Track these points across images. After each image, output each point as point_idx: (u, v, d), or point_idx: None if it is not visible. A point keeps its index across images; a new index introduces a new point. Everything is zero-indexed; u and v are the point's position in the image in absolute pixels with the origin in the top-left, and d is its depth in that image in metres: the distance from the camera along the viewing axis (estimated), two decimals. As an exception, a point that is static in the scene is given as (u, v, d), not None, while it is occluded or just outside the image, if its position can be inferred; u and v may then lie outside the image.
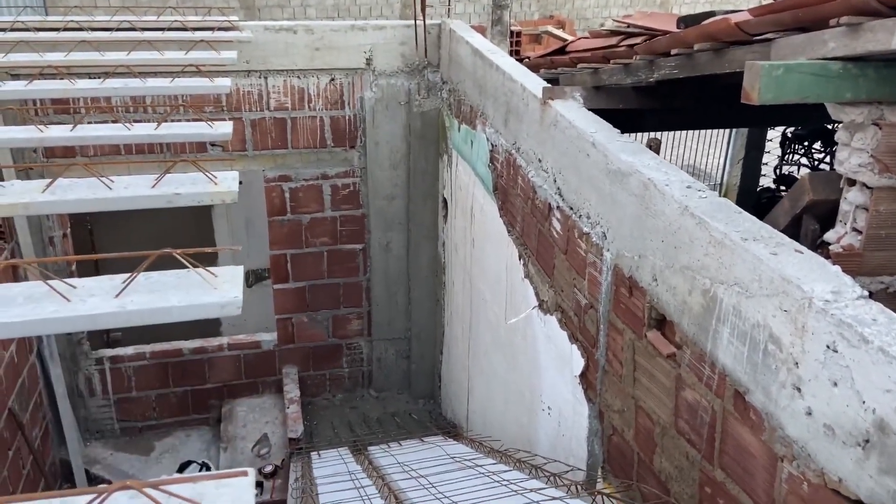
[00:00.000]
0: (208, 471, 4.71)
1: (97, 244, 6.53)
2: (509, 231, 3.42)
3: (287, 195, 4.94)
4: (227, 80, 3.52)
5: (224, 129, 2.90)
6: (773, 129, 6.60)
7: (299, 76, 4.67)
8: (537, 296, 3.07)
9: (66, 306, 1.57)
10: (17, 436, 4.09)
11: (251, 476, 1.18)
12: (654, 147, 5.17)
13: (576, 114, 2.67)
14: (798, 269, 1.53)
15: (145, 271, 1.67)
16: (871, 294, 1.46)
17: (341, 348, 5.48)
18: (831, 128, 5.69)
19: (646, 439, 2.17)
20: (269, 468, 4.62)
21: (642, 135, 5.48)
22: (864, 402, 1.30)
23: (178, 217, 5.51)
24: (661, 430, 2.07)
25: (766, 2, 2.37)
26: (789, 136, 6.15)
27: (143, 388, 5.13)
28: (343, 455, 4.35)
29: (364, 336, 5.48)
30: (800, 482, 1.49)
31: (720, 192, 6.50)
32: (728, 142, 7.51)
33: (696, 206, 1.86)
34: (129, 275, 1.65)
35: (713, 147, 8.74)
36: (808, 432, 1.45)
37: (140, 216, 4.04)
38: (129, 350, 5.09)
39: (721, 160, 7.91)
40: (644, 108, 3.36)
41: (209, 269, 1.73)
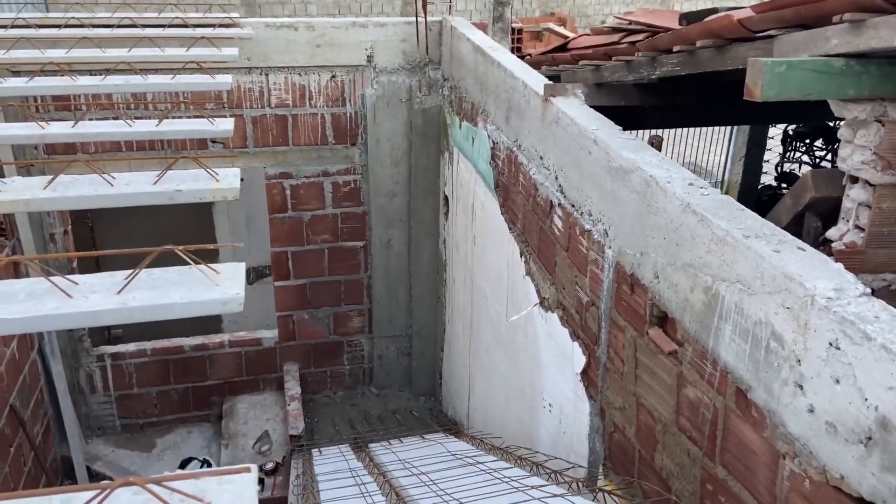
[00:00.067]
0: (209, 468, 4.72)
1: (98, 241, 6.52)
2: (510, 228, 3.42)
3: (288, 192, 4.94)
4: (229, 77, 3.52)
5: (225, 125, 2.90)
6: (775, 127, 6.60)
7: (300, 73, 4.67)
8: (538, 293, 3.07)
9: (68, 303, 1.57)
10: (19, 432, 4.10)
11: (254, 472, 1.18)
12: (656, 144, 5.17)
13: (577, 111, 2.67)
14: (800, 266, 1.53)
15: (147, 268, 1.67)
16: (873, 291, 1.46)
17: (342, 345, 5.48)
18: (833, 125, 5.69)
19: (647, 436, 2.17)
20: (270, 465, 4.62)
21: (644, 132, 5.48)
22: (866, 400, 1.30)
23: (179, 214, 5.52)
24: (662, 428, 2.07)
25: (769, -2, 2.37)
26: (790, 133, 6.15)
27: (145, 385, 5.13)
28: (344, 452, 4.35)
29: (365, 333, 5.48)
30: (801, 479, 1.49)
31: (721, 190, 6.49)
32: (729, 139, 7.50)
33: (698, 204, 1.86)
34: (131, 271, 1.65)
35: (714, 144, 8.74)
36: (810, 429, 1.45)
37: (141, 213, 4.04)
38: (131, 347, 5.09)
39: (722, 158, 7.90)
40: (646, 105, 3.36)
41: (211, 265, 1.73)
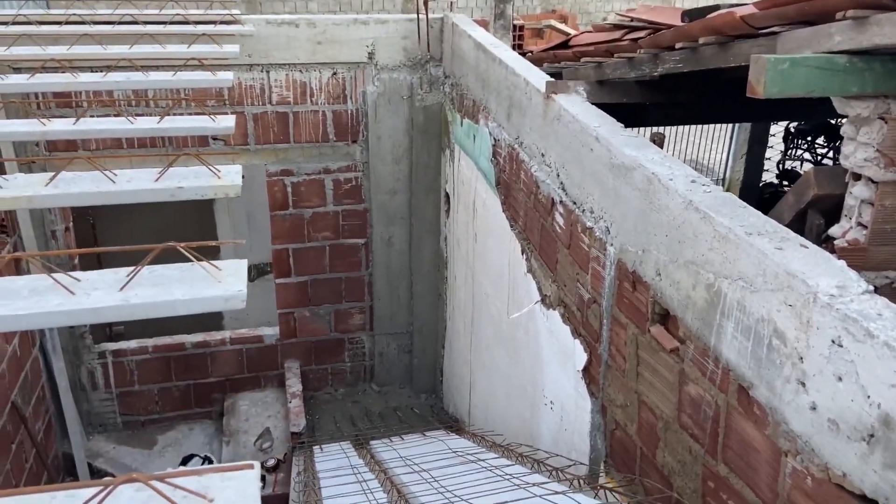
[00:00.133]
0: (211, 464, 4.72)
1: (99, 238, 6.53)
2: (512, 226, 3.42)
3: (289, 189, 4.94)
4: (230, 74, 3.51)
5: (226, 122, 2.90)
6: (776, 124, 6.59)
7: (301, 70, 4.66)
8: (540, 290, 3.07)
9: (71, 299, 1.57)
10: (20, 429, 4.10)
11: (256, 469, 1.18)
12: (658, 141, 5.16)
13: (579, 108, 2.67)
14: (803, 263, 1.53)
15: (149, 265, 1.67)
16: (876, 289, 1.46)
17: (343, 343, 5.49)
18: (834, 122, 5.68)
19: (649, 434, 2.17)
20: (271, 462, 4.63)
21: (646, 129, 5.48)
22: (868, 397, 1.30)
23: (180, 211, 5.52)
24: (664, 425, 2.07)
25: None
26: (792, 131, 6.14)
27: (146, 382, 5.14)
28: (345, 449, 4.36)
29: (366, 330, 5.48)
30: (804, 477, 1.49)
31: (723, 188, 6.48)
32: (731, 137, 7.49)
33: (700, 201, 1.85)
34: (133, 268, 1.65)
35: (716, 142, 8.73)
36: (812, 427, 1.45)
37: (142, 210, 4.04)
38: (132, 344, 5.10)
39: (724, 155, 7.89)
40: (647, 102, 3.35)
41: (213, 262, 1.72)
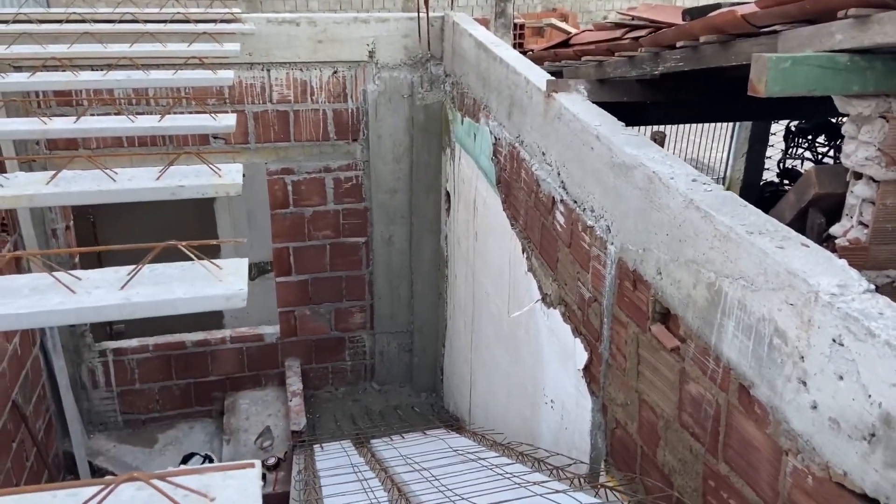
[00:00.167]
0: (211, 463, 4.73)
1: (100, 237, 6.53)
2: (512, 224, 3.42)
3: (290, 188, 4.94)
4: (230, 73, 3.51)
5: (227, 121, 2.90)
6: (777, 123, 6.59)
7: (302, 69, 4.66)
8: (540, 289, 3.07)
9: (72, 298, 1.57)
10: (21, 428, 4.10)
11: (258, 468, 1.18)
12: (659, 140, 5.16)
13: (580, 107, 2.66)
14: (804, 262, 1.53)
15: (149, 264, 1.67)
16: (877, 288, 1.46)
17: (344, 341, 5.49)
18: (835, 121, 5.67)
19: (649, 433, 2.17)
20: (271, 460, 4.63)
21: (646, 128, 5.47)
22: (869, 396, 1.30)
23: (181, 210, 5.52)
24: (664, 424, 2.07)
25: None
26: (793, 129, 6.14)
27: (147, 381, 5.14)
28: (346, 448, 4.36)
29: (366, 329, 5.49)
30: (804, 476, 1.49)
31: (723, 187, 6.48)
32: (731, 135, 7.49)
33: (701, 200, 1.85)
34: (134, 267, 1.65)
35: (716, 141, 8.72)
36: (813, 426, 1.45)
37: (142, 209, 4.04)
38: (133, 342, 5.10)
39: (724, 154, 7.89)
40: (648, 100, 3.35)
41: (214, 261, 1.72)
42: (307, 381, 5.37)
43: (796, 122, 6.06)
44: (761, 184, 6.42)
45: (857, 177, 2.16)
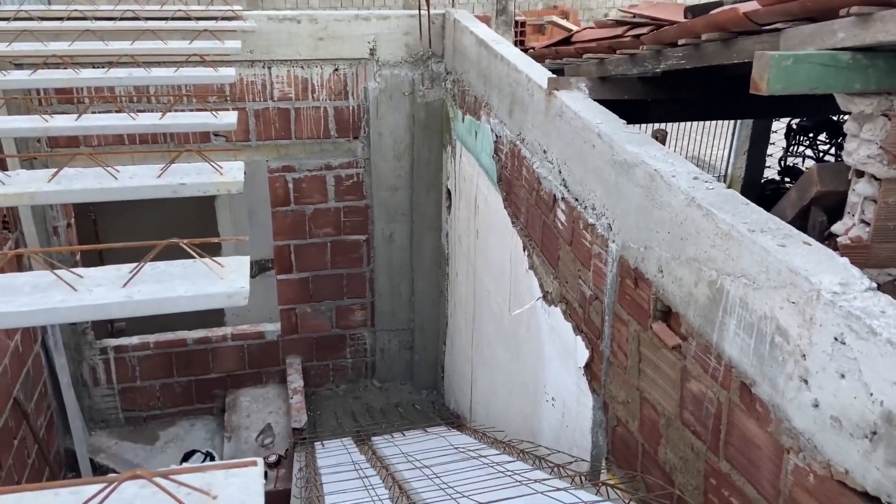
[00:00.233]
0: (212, 460, 4.73)
1: (101, 234, 6.53)
2: (513, 222, 3.42)
3: (291, 186, 4.94)
4: (231, 70, 3.51)
5: (228, 118, 2.89)
6: (778, 121, 6.58)
7: (303, 66, 4.65)
8: (541, 287, 3.07)
9: (74, 296, 1.57)
10: (23, 425, 4.11)
11: (260, 466, 1.18)
12: (660, 138, 5.15)
13: (581, 104, 2.66)
14: (806, 260, 1.52)
15: (151, 261, 1.67)
16: (879, 286, 1.45)
17: (345, 339, 5.49)
18: (837, 119, 5.67)
19: (651, 431, 2.17)
20: (272, 458, 4.64)
21: (648, 126, 5.47)
22: (871, 395, 1.30)
23: (182, 207, 5.51)
24: (666, 422, 2.07)
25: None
26: (794, 127, 6.13)
27: (148, 378, 5.15)
28: (347, 445, 4.36)
29: (367, 326, 5.49)
30: (806, 474, 1.49)
31: (725, 184, 6.46)
32: (733, 133, 7.48)
33: (702, 198, 1.85)
34: (136, 265, 1.65)
35: (718, 139, 8.71)
36: (814, 424, 1.45)
37: (143, 206, 4.04)
38: (134, 340, 5.11)
39: (725, 152, 7.88)
40: (649, 98, 3.35)
41: (215, 259, 1.73)
42: (308, 379, 5.38)
43: (798, 120, 6.06)
44: (762, 182, 6.42)
45: (859, 175, 2.15)
